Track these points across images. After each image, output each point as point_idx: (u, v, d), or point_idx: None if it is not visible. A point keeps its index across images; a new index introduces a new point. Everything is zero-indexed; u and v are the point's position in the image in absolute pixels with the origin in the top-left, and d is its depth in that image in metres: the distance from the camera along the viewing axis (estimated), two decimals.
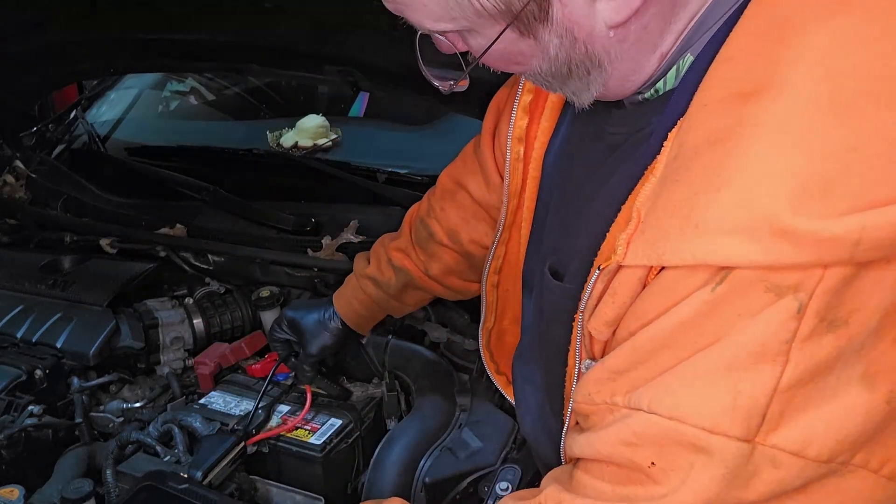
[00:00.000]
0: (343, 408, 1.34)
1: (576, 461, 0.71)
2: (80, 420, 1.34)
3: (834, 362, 0.56)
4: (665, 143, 0.63)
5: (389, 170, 1.75)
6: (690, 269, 0.58)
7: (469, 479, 1.23)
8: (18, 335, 1.49)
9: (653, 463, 0.61)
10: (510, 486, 1.15)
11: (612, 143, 0.69)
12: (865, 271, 0.55)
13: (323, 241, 1.60)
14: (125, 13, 1.52)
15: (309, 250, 1.61)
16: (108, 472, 1.18)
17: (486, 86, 1.03)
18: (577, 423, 0.75)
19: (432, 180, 1.65)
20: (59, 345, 1.45)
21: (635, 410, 0.62)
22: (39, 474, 1.23)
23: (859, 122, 0.53)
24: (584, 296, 0.70)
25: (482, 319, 1.16)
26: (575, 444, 0.70)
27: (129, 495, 1.09)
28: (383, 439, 1.27)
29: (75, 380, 1.41)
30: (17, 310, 1.54)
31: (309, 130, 1.98)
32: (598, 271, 0.67)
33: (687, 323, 0.59)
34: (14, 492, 1.16)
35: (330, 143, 1.96)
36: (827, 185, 0.53)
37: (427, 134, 1.92)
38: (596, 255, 0.71)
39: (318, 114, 2.02)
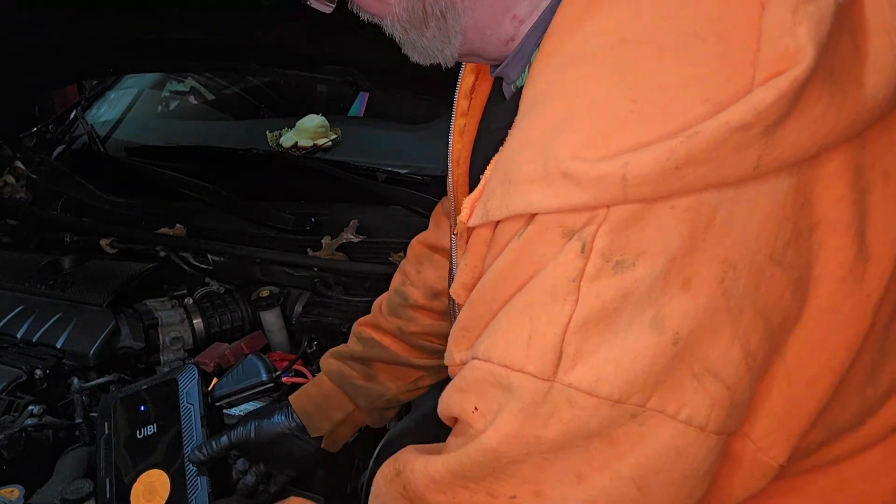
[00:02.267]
0: None
1: None
2: (81, 420, 1.34)
3: (622, 303, 0.58)
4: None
5: (389, 169, 1.75)
6: (509, 222, 0.64)
7: None
8: (18, 335, 1.49)
9: (476, 408, 0.64)
10: None
11: (497, 139, 0.72)
12: (649, 214, 0.57)
13: (323, 241, 1.61)
14: (125, 13, 1.52)
15: (309, 250, 1.61)
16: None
17: None
18: None
19: (433, 180, 1.66)
20: (59, 345, 1.45)
21: (472, 360, 0.65)
22: (39, 474, 1.23)
23: (640, 79, 0.59)
24: (452, 266, 0.74)
25: None
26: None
27: None
28: (383, 439, 1.27)
29: (75, 380, 1.41)
30: (17, 310, 1.54)
31: (309, 130, 1.98)
32: (454, 237, 0.73)
33: (502, 271, 0.64)
34: (14, 492, 1.16)
35: (330, 142, 1.96)
36: (604, 134, 0.58)
37: (427, 134, 1.92)
38: None
39: (317, 114, 2.02)
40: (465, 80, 0.90)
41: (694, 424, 0.59)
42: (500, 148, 0.66)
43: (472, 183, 0.91)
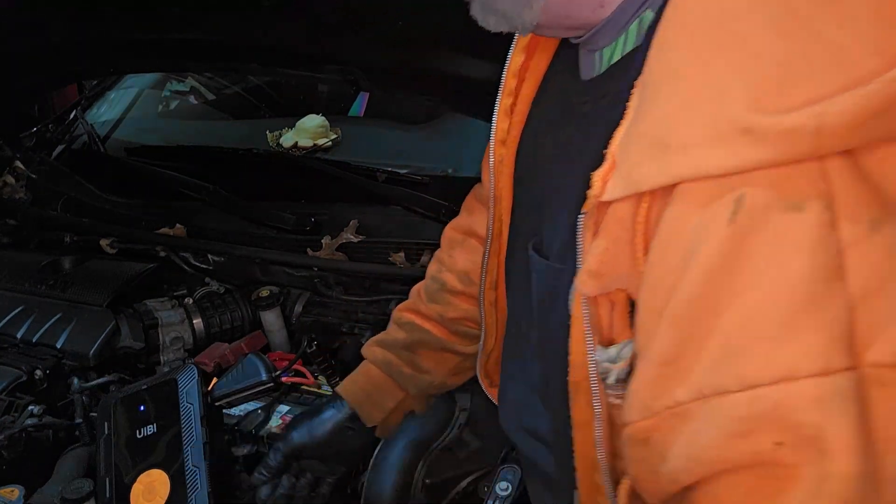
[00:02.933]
0: None
1: (681, 495, 0.61)
2: (81, 420, 1.34)
3: (893, 262, 0.54)
4: (633, 92, 0.63)
5: (389, 169, 1.75)
6: (685, 201, 0.58)
7: (469, 479, 1.23)
8: (18, 335, 1.49)
9: (780, 442, 0.54)
10: (510, 486, 1.15)
11: (581, 113, 0.69)
12: (865, 165, 0.54)
13: (323, 241, 1.60)
14: (125, 13, 1.52)
15: (309, 250, 1.61)
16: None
17: (486, 85, 1.03)
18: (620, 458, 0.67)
19: (433, 180, 1.66)
20: (59, 345, 1.45)
21: (721, 395, 0.55)
22: (39, 474, 1.23)
23: (798, 34, 0.56)
24: (577, 257, 0.67)
25: (482, 342, 1.10)
26: (663, 477, 0.60)
27: None
28: (383, 439, 1.27)
29: (75, 380, 1.41)
30: (17, 310, 1.54)
31: (309, 130, 1.98)
32: (580, 217, 0.66)
33: (721, 270, 0.56)
34: (14, 492, 1.16)
35: (330, 142, 1.96)
36: (780, 88, 0.55)
37: (427, 134, 1.91)
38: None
39: (317, 114, 2.02)
40: (515, 59, 0.88)
41: None
42: (633, 123, 0.61)
43: (520, 163, 0.89)
